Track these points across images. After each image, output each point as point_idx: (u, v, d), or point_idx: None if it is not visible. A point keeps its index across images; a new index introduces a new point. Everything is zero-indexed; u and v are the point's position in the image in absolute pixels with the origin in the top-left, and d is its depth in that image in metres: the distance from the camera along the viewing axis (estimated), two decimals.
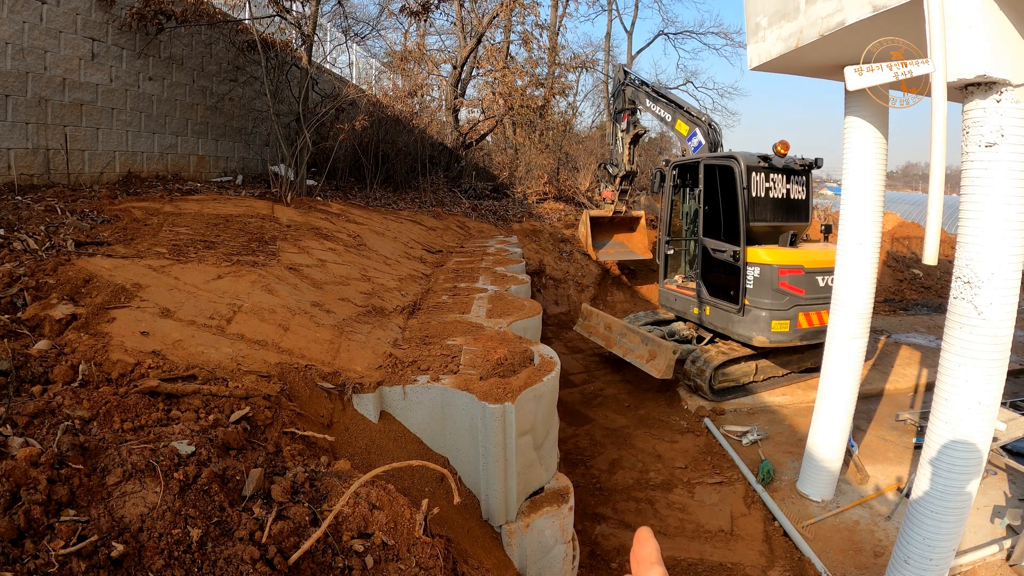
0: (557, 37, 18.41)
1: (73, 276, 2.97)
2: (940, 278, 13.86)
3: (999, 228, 2.85)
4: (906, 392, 7.07)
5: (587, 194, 15.24)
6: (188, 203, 5.88)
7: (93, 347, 2.29)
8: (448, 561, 1.81)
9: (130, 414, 1.89)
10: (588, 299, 10.91)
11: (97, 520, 1.35)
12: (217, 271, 3.82)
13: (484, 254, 7.50)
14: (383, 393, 2.72)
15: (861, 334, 4.42)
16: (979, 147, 2.86)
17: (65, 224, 4.19)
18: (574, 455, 5.69)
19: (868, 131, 4.06)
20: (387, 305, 4.38)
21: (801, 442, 5.18)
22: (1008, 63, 2.68)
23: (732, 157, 6.75)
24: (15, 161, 5.50)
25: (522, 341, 3.38)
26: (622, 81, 10.45)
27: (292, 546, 1.51)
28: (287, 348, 2.96)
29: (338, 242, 6.00)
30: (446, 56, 16.85)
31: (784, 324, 6.39)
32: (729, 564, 4.06)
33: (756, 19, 4.04)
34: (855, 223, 4.27)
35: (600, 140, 19.80)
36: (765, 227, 6.73)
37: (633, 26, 25.13)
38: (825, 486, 4.74)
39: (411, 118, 13.45)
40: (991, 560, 3.92)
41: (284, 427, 2.19)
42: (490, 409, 2.47)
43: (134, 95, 6.97)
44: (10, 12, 5.33)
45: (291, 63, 9.40)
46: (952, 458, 3.14)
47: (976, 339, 2.97)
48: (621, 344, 7.36)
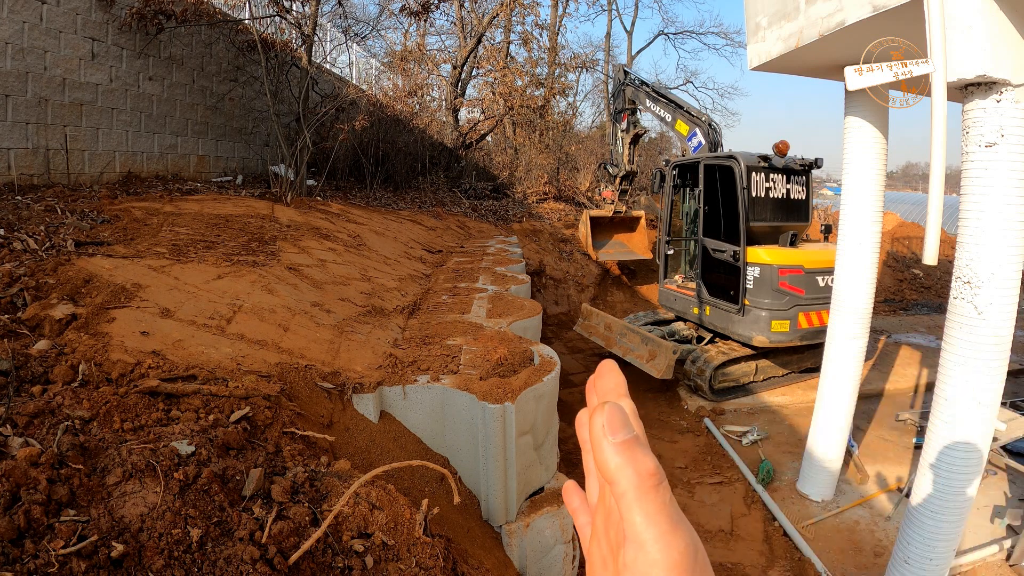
0: (557, 37, 18.41)
1: (73, 276, 2.97)
2: (940, 278, 13.86)
3: (999, 228, 2.85)
4: (906, 392, 7.06)
5: (587, 194, 15.24)
6: (188, 203, 5.88)
7: (93, 347, 2.29)
8: (448, 561, 1.81)
9: (130, 414, 1.89)
10: (588, 299, 10.91)
11: (97, 520, 1.35)
12: (217, 271, 3.82)
13: (484, 254, 7.50)
14: (383, 393, 2.72)
15: (861, 334, 4.42)
16: (979, 147, 2.86)
17: (65, 224, 4.19)
18: (574, 455, 5.69)
19: (868, 131, 4.06)
20: (387, 305, 4.38)
21: (801, 442, 5.18)
22: (1008, 63, 2.69)
23: (732, 157, 6.76)
24: (15, 161, 5.50)
25: (522, 341, 3.38)
26: (622, 81, 10.46)
27: (292, 546, 1.51)
28: (287, 348, 2.96)
29: (338, 242, 6.00)
30: (446, 56, 16.86)
31: (784, 324, 6.39)
32: (729, 564, 4.06)
33: (756, 19, 4.04)
34: (855, 223, 4.27)
35: (600, 140, 19.80)
36: (765, 227, 6.73)
37: (633, 26, 25.17)
38: (825, 486, 4.74)
39: (411, 118, 13.45)
40: (991, 560, 3.92)
41: (284, 427, 2.19)
42: (490, 409, 2.47)
43: (134, 95, 6.97)
44: (10, 12, 5.33)
45: (291, 63, 9.40)
46: (952, 458, 3.14)
47: (976, 339, 2.97)
48: (621, 344, 7.36)
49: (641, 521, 0.35)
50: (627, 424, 0.37)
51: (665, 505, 0.35)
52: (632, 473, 0.35)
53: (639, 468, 0.35)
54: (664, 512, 0.35)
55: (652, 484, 0.35)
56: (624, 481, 0.35)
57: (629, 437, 0.36)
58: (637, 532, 0.34)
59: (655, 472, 0.35)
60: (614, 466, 0.36)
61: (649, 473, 0.35)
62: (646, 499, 0.35)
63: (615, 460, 0.36)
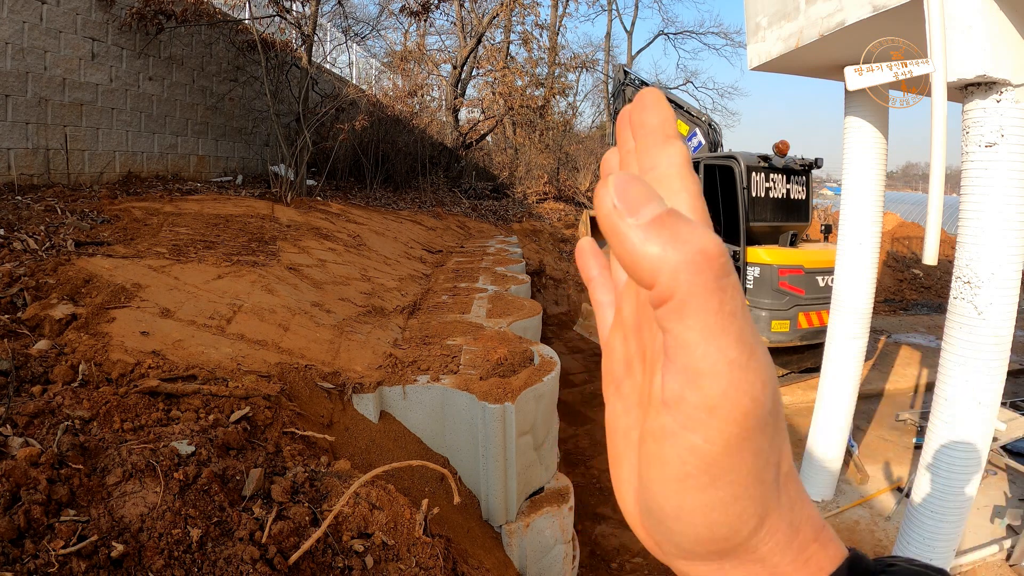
0: (557, 37, 18.42)
1: (73, 276, 2.97)
2: (940, 278, 13.86)
3: (999, 228, 2.85)
4: (906, 392, 7.06)
5: (587, 194, 15.25)
6: (188, 203, 5.88)
7: (93, 347, 2.29)
8: (448, 561, 1.81)
9: (130, 414, 1.89)
10: (588, 299, 10.91)
11: (97, 520, 1.35)
12: (217, 271, 3.82)
13: (484, 254, 7.50)
14: (383, 393, 2.72)
15: (861, 334, 4.42)
16: (979, 147, 2.86)
17: (65, 224, 4.19)
18: (574, 455, 5.68)
19: (868, 131, 4.06)
20: (387, 305, 4.38)
21: (801, 442, 5.18)
22: (1008, 63, 2.68)
23: (732, 157, 6.76)
24: (15, 161, 5.50)
25: (522, 341, 3.38)
26: (622, 81, 10.46)
27: (292, 546, 1.51)
28: (287, 348, 2.96)
29: (338, 242, 6.00)
30: (446, 56, 16.87)
31: (784, 324, 6.39)
32: None
33: (756, 19, 4.04)
34: (855, 223, 4.27)
35: (600, 140, 19.81)
36: (765, 227, 6.73)
37: (633, 26, 25.22)
38: (825, 486, 4.74)
39: (411, 118, 13.45)
40: (991, 560, 3.92)
41: (284, 427, 2.19)
42: (490, 409, 2.47)
43: (134, 95, 6.97)
44: (10, 12, 5.33)
45: (291, 63, 9.40)
46: (952, 458, 3.13)
47: (976, 339, 2.97)
48: None
49: (698, 339, 0.22)
50: (652, 194, 0.23)
51: (735, 316, 0.22)
52: (680, 262, 0.22)
53: (690, 251, 0.22)
54: (734, 327, 0.22)
55: (713, 276, 0.22)
56: (668, 278, 0.22)
57: (661, 211, 0.22)
58: (691, 355, 0.22)
59: (717, 255, 0.22)
60: (650, 258, 0.22)
61: (708, 257, 0.22)
62: (706, 304, 0.22)
63: (649, 249, 0.22)
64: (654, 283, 0.22)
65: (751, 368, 0.22)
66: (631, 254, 0.22)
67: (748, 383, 0.22)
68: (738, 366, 0.22)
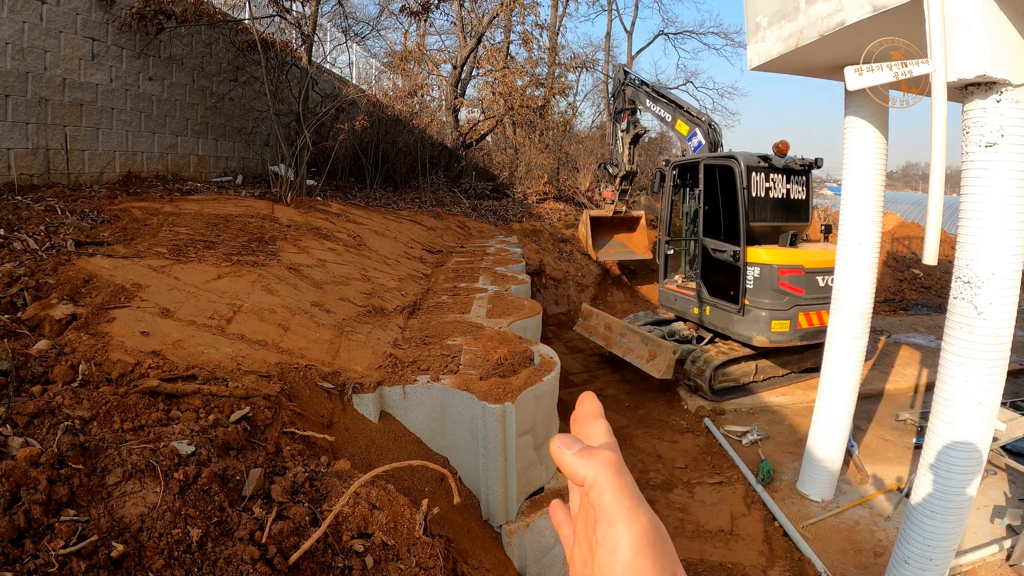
0: (557, 37, 18.41)
1: (73, 276, 2.97)
2: (940, 278, 13.86)
3: (999, 228, 2.85)
4: (906, 392, 7.06)
5: (587, 194, 15.24)
6: (188, 203, 5.88)
7: (93, 347, 2.29)
8: (448, 561, 1.81)
9: (130, 414, 1.89)
10: (588, 299, 10.91)
11: (97, 520, 1.35)
12: (217, 271, 3.82)
13: (484, 254, 7.50)
14: (383, 393, 2.72)
15: (861, 334, 4.42)
16: (979, 147, 2.86)
17: (65, 224, 4.19)
18: None
19: (868, 131, 4.06)
20: (387, 305, 4.38)
21: (801, 442, 5.18)
22: (1008, 63, 2.68)
23: (732, 157, 6.75)
24: (15, 161, 5.50)
25: (522, 341, 3.38)
26: (622, 81, 10.46)
27: (292, 546, 1.51)
28: (287, 348, 2.96)
29: (338, 242, 6.00)
30: (446, 56, 16.86)
31: (784, 324, 6.39)
32: (729, 564, 4.06)
33: (756, 19, 4.04)
34: (855, 223, 4.27)
35: (600, 140, 19.80)
36: (765, 227, 6.73)
37: (633, 26, 25.15)
38: (825, 486, 4.74)
39: (411, 118, 13.44)
40: (991, 560, 3.92)
41: (284, 427, 2.19)
42: (490, 409, 2.47)
43: (134, 95, 6.96)
44: (10, 12, 5.33)
45: (291, 63, 9.40)
46: (952, 458, 3.13)
47: (976, 339, 2.97)
48: (621, 344, 7.36)
49: (609, 500, 0.40)
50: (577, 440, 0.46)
51: (628, 487, 0.41)
52: (594, 465, 0.42)
53: (599, 459, 0.42)
54: (627, 491, 0.41)
55: (614, 469, 0.42)
56: (590, 473, 0.42)
57: (581, 447, 0.44)
58: (607, 509, 0.40)
59: (615, 459, 0.42)
60: (580, 467, 0.42)
61: (609, 460, 0.42)
62: (611, 482, 0.41)
63: (578, 463, 0.43)
64: (584, 481, 0.42)
65: (640, 511, 0.40)
66: (571, 468, 0.43)
67: (640, 521, 0.39)
68: (632, 511, 0.40)
